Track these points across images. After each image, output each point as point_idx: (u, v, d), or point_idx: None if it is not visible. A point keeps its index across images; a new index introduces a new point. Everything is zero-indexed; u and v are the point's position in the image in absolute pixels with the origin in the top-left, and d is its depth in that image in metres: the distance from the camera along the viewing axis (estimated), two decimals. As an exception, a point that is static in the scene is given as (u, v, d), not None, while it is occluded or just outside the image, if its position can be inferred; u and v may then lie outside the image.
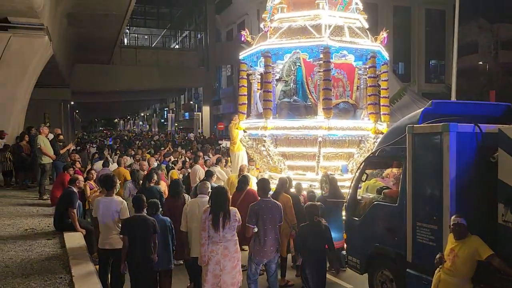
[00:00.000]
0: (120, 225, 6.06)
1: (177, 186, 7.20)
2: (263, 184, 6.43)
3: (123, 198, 6.94)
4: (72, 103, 38.67)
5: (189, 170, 11.39)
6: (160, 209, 6.31)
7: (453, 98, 14.71)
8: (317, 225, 6.10)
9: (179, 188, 7.11)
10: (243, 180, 7.82)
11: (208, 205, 5.61)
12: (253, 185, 8.05)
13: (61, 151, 12.39)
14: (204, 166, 11.17)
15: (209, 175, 8.31)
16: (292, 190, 8.18)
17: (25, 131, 14.09)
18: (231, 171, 11.37)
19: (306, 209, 6.28)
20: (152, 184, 8.01)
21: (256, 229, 5.94)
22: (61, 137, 13.35)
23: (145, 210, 5.91)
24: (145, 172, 9.29)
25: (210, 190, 6.39)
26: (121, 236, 5.82)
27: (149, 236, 5.72)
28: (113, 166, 11.76)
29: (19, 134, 13.74)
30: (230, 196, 6.08)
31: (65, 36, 21.23)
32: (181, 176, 11.27)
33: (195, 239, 6.04)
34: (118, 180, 7.02)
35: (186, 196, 7.28)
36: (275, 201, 6.38)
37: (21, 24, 13.65)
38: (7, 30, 13.62)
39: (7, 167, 13.05)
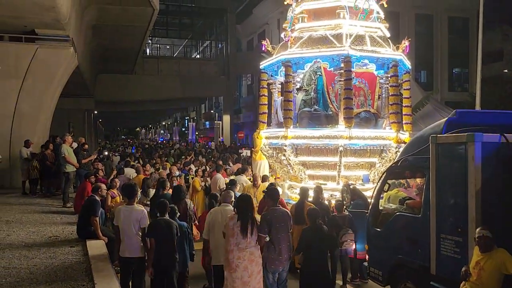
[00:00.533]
0: (140, 234, 6.14)
1: (179, 191, 7.48)
2: (273, 193, 6.47)
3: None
4: (96, 112, 39.44)
5: (208, 180, 11.46)
6: (178, 213, 6.55)
7: (478, 107, 14.42)
8: (319, 229, 6.21)
9: (181, 194, 7.42)
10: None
11: (234, 212, 5.72)
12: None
13: (83, 161, 12.61)
14: (225, 175, 11.23)
15: (232, 184, 8.39)
16: (335, 202, 8.20)
17: (50, 140, 14.41)
18: (250, 180, 11.40)
19: (308, 213, 6.43)
20: (165, 192, 8.16)
21: (268, 238, 5.97)
22: (86, 146, 13.62)
23: (167, 215, 6.16)
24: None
25: (233, 199, 6.56)
26: (147, 239, 6.00)
27: (174, 238, 6.02)
28: (129, 171, 11.96)
29: (44, 143, 14.05)
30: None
31: (89, 47, 21.75)
32: (203, 184, 11.34)
33: (218, 247, 6.10)
34: (139, 189, 7.14)
35: (188, 201, 7.58)
36: (284, 209, 6.44)
37: (47, 36, 14.08)
38: (34, 42, 14.06)
39: (33, 175, 13.33)
